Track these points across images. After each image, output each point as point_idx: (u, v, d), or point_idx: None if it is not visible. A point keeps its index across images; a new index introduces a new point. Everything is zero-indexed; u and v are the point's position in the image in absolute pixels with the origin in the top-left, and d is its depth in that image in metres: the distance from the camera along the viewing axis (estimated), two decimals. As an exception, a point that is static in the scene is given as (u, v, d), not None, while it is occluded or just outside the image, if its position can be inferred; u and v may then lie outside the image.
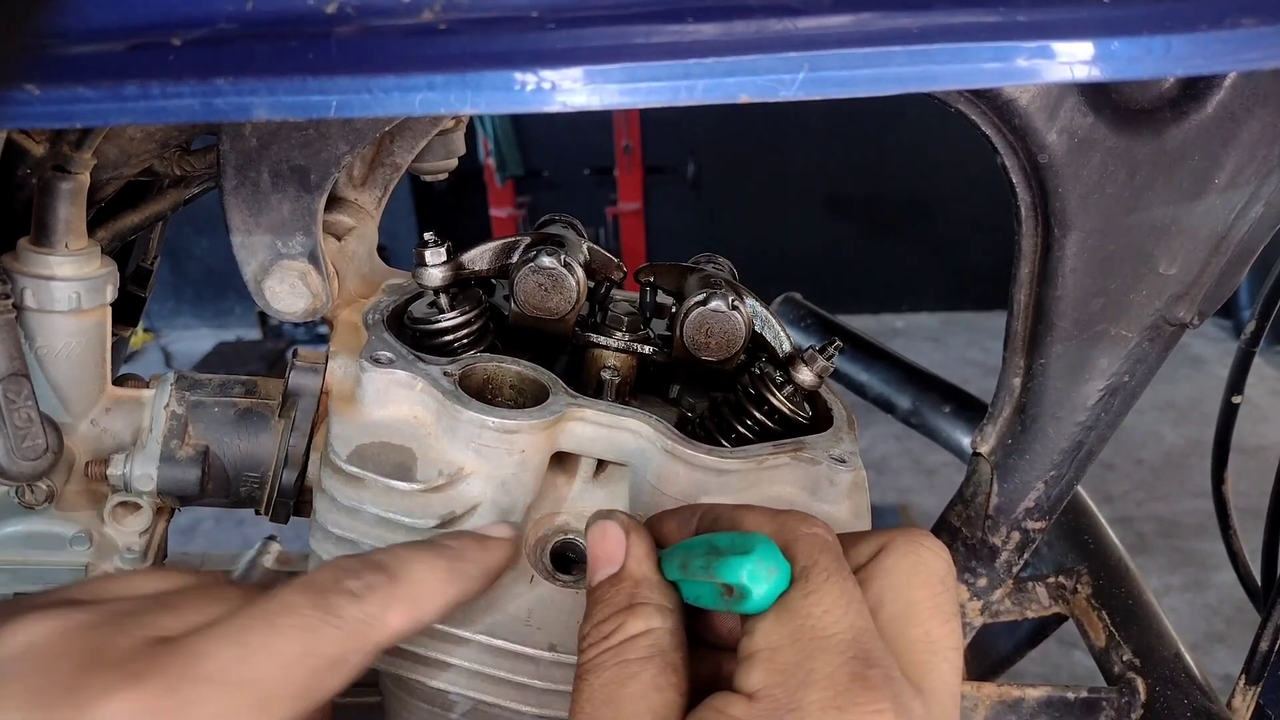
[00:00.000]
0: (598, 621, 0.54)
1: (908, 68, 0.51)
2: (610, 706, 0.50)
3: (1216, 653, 3.17)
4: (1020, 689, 0.96)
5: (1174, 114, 0.69)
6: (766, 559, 0.51)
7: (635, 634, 0.53)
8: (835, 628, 0.49)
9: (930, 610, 0.52)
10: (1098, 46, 0.51)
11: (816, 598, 0.50)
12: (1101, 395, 0.83)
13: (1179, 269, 0.76)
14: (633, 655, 0.52)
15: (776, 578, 0.50)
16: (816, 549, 0.52)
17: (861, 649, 0.48)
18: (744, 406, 0.77)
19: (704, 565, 0.53)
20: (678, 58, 0.50)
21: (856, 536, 0.57)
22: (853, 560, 0.55)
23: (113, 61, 0.51)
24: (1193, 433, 4.69)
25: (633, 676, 0.51)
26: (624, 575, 0.56)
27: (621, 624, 0.53)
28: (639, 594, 0.55)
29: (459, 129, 0.98)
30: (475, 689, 0.73)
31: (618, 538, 0.57)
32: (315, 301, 0.77)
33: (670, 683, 0.51)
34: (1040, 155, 0.70)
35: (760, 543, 0.51)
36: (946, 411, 1.42)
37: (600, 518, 0.58)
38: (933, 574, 0.54)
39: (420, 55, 0.51)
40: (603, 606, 0.55)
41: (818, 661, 0.47)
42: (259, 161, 0.71)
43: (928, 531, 0.56)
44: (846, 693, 0.46)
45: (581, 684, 0.52)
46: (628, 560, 0.57)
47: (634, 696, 0.50)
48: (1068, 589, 1.07)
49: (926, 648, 0.52)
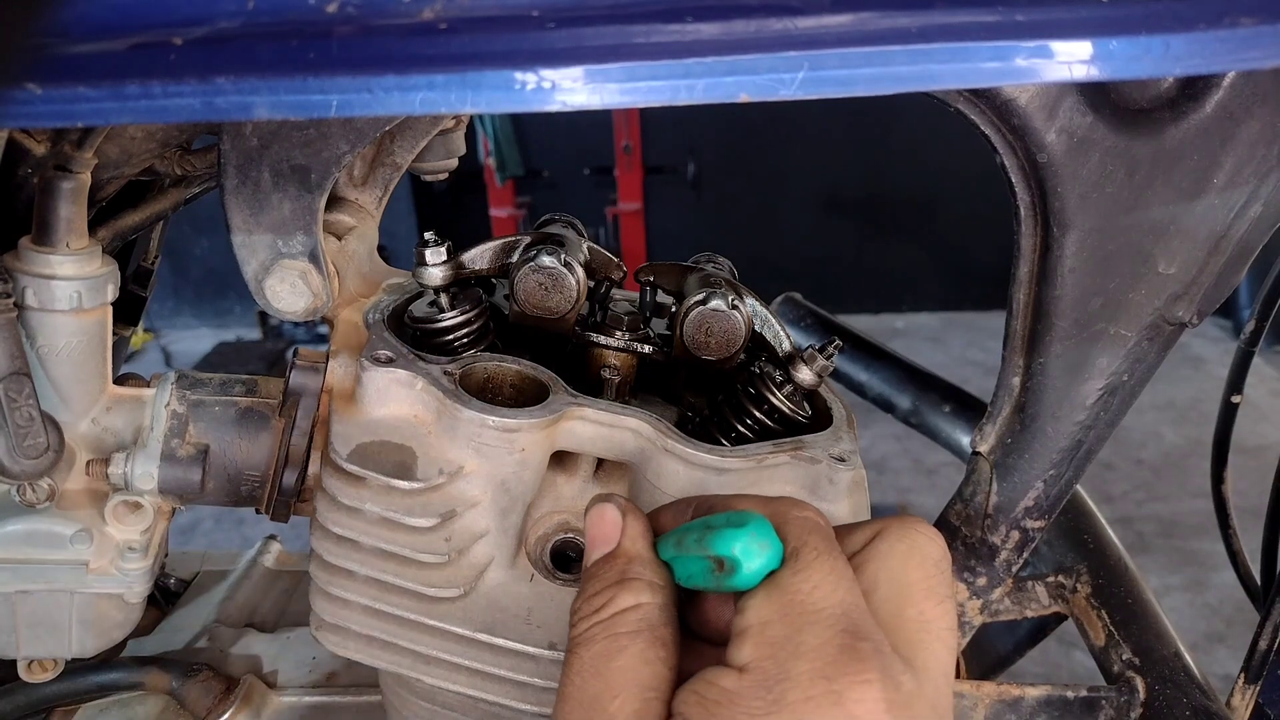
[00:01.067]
0: (589, 595, 0.55)
1: (907, 67, 0.51)
2: (599, 679, 0.51)
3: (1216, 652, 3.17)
4: (1020, 688, 0.96)
5: (1173, 113, 0.69)
6: (759, 534, 0.52)
7: (625, 608, 0.54)
8: (825, 603, 0.49)
9: (924, 591, 0.53)
10: (1096, 46, 0.51)
11: (806, 574, 0.51)
12: (1101, 394, 0.83)
13: (1178, 268, 0.76)
14: (622, 629, 0.53)
15: (768, 553, 0.52)
16: (807, 530, 0.53)
17: (851, 622, 0.49)
18: (744, 405, 0.77)
19: (697, 540, 0.54)
20: (678, 57, 0.50)
21: (853, 525, 0.58)
22: (849, 546, 0.56)
23: (114, 61, 0.51)
24: (1192, 432, 4.69)
25: (621, 650, 0.52)
26: (618, 553, 0.57)
27: (612, 598, 0.54)
28: (630, 570, 0.56)
29: (459, 129, 0.98)
30: (475, 687, 0.73)
31: (614, 519, 0.58)
32: (316, 301, 0.77)
33: (659, 656, 0.52)
34: (1039, 155, 0.70)
35: (754, 519, 0.53)
36: (946, 411, 1.42)
37: (598, 500, 0.60)
38: (927, 557, 0.54)
39: (421, 55, 0.51)
40: (595, 582, 0.56)
41: (807, 634, 0.48)
42: (260, 161, 0.71)
43: (922, 519, 0.57)
44: (835, 663, 0.47)
45: (571, 656, 0.53)
46: (622, 539, 0.58)
47: (622, 669, 0.51)
48: (1067, 588, 1.07)
49: (920, 626, 0.52)
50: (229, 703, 0.96)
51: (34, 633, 0.79)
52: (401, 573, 0.71)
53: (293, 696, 1.00)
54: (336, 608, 0.73)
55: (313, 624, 0.75)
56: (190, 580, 1.21)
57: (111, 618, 0.80)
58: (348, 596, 0.72)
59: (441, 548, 0.71)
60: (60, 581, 0.77)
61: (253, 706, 0.97)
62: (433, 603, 0.72)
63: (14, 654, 0.81)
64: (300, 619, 1.12)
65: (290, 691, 1.00)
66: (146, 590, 0.80)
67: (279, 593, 1.18)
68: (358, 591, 0.72)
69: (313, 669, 1.03)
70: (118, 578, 0.78)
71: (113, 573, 0.77)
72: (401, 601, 0.72)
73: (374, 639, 0.73)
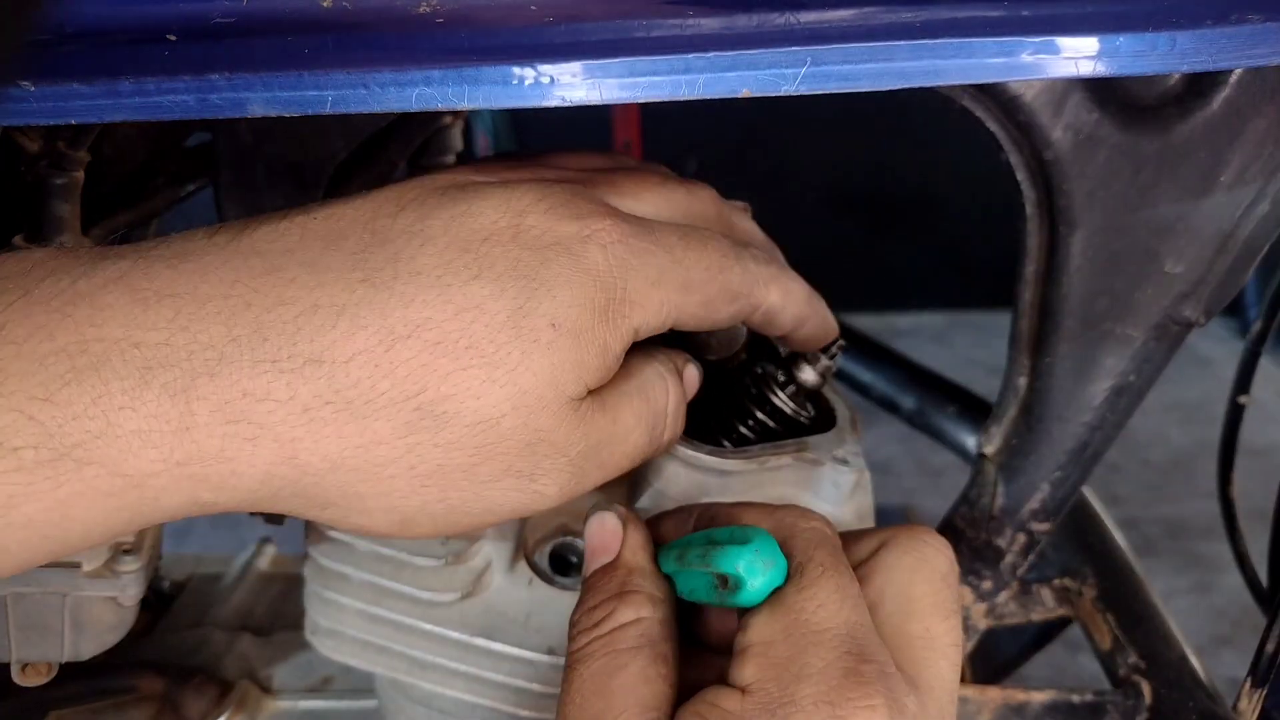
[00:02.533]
0: (588, 608, 0.55)
1: (911, 63, 0.50)
2: (600, 697, 0.50)
3: (1223, 655, 3.15)
4: (1025, 692, 0.95)
5: (1180, 110, 0.69)
6: (764, 551, 0.51)
7: (625, 622, 0.53)
8: (830, 622, 0.48)
9: (930, 607, 0.52)
10: (1102, 42, 0.50)
11: (811, 592, 0.50)
12: (1107, 395, 0.82)
13: (1185, 267, 0.75)
14: (622, 645, 0.52)
15: (772, 571, 0.51)
16: (813, 544, 0.52)
17: (856, 644, 0.48)
18: (745, 406, 0.77)
19: (700, 555, 0.53)
20: (678, 52, 0.50)
21: (859, 533, 0.57)
22: (853, 556, 0.55)
23: (107, 58, 0.50)
24: (1199, 433, 4.67)
25: (622, 667, 0.51)
26: (618, 564, 0.56)
27: (611, 611, 0.53)
28: (630, 582, 0.55)
29: (456, 124, 0.98)
30: (473, 692, 0.72)
31: (614, 529, 0.58)
32: (312, 300, 0.76)
33: (660, 674, 0.51)
34: (1045, 152, 0.69)
35: (758, 535, 0.52)
36: (951, 412, 1.42)
37: (599, 509, 0.59)
38: (934, 570, 0.53)
39: (417, 50, 0.50)
40: (594, 594, 0.55)
41: (811, 656, 0.47)
42: (254, 158, 0.71)
43: (931, 529, 0.56)
44: (839, 688, 0.46)
45: (571, 673, 0.52)
46: (623, 550, 0.57)
47: (623, 688, 0.50)
48: (1073, 591, 1.07)
49: (925, 644, 0.51)
50: (223, 707, 0.95)
51: (27, 636, 0.78)
52: (397, 576, 0.70)
53: (288, 701, 0.99)
54: (331, 612, 0.72)
55: (307, 628, 0.75)
56: (184, 583, 1.20)
57: (105, 621, 0.79)
58: (343, 601, 0.72)
59: (438, 551, 0.70)
60: (53, 584, 0.76)
61: (247, 711, 0.97)
62: (429, 607, 0.71)
63: (7, 658, 0.80)
64: (295, 623, 1.11)
65: (285, 696, 1.00)
66: (140, 593, 0.79)
67: (274, 596, 1.17)
68: (353, 595, 0.71)
69: (308, 673, 1.02)
70: (111, 580, 0.77)
71: (106, 575, 0.77)
72: (397, 605, 0.71)
73: (370, 643, 0.73)
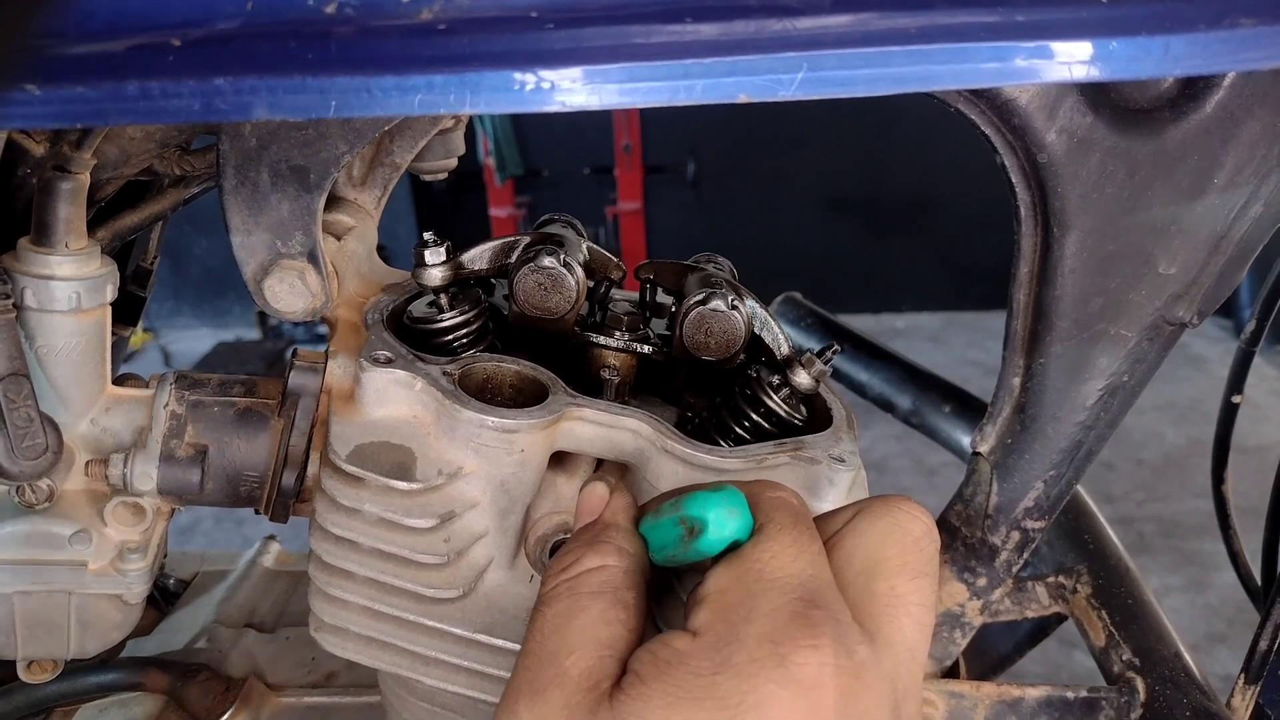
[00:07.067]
0: (560, 555, 0.58)
1: (907, 68, 0.51)
2: (558, 635, 0.53)
3: (1217, 653, 3.17)
4: (1020, 688, 0.96)
5: (1173, 114, 0.69)
6: (730, 502, 0.54)
7: (590, 568, 0.56)
8: (781, 572, 0.50)
9: (898, 567, 0.53)
10: (1096, 46, 0.51)
11: (766, 545, 0.52)
12: (1101, 395, 0.83)
13: (1178, 268, 0.76)
14: (585, 589, 0.54)
15: (736, 522, 0.53)
16: (776, 507, 0.55)
17: (808, 591, 0.49)
18: (740, 408, 0.77)
19: (673, 504, 0.56)
20: (677, 58, 0.50)
21: (841, 507, 0.59)
22: (832, 525, 0.57)
23: (113, 61, 0.51)
24: (1193, 432, 4.69)
25: (583, 609, 0.53)
26: (596, 522, 0.60)
27: (579, 558, 0.56)
28: (602, 535, 0.58)
29: (458, 128, 0.98)
30: (474, 688, 0.73)
31: (602, 494, 0.62)
32: (315, 301, 0.77)
33: (619, 618, 0.53)
34: (1040, 155, 0.70)
35: (728, 489, 0.55)
36: (947, 411, 1.42)
37: (591, 480, 0.63)
38: (906, 534, 0.55)
39: (419, 55, 0.51)
40: (569, 544, 0.59)
41: (760, 600, 0.49)
42: (258, 161, 0.71)
43: (909, 498, 0.57)
44: (784, 627, 0.48)
45: (536, 613, 0.55)
46: (604, 511, 0.61)
47: (581, 628, 0.53)
48: (1067, 588, 1.07)
49: (888, 601, 0.52)
50: (228, 703, 0.96)
51: (33, 633, 0.79)
52: (400, 573, 0.71)
53: (292, 697, 1.00)
54: (335, 608, 0.73)
55: (312, 625, 0.75)
56: (189, 581, 1.21)
57: (110, 618, 0.80)
58: (347, 597, 0.72)
59: (440, 548, 0.71)
60: (59, 582, 0.77)
61: (252, 707, 0.97)
62: (432, 603, 0.72)
63: (13, 654, 0.81)
64: (299, 619, 1.12)
65: (289, 692, 1.00)
66: (146, 591, 0.80)
67: (278, 593, 1.18)
68: (356, 592, 0.72)
69: (312, 669, 1.03)
70: (117, 578, 0.78)
71: (112, 573, 0.77)
72: (400, 602, 0.72)
73: (373, 640, 0.73)
